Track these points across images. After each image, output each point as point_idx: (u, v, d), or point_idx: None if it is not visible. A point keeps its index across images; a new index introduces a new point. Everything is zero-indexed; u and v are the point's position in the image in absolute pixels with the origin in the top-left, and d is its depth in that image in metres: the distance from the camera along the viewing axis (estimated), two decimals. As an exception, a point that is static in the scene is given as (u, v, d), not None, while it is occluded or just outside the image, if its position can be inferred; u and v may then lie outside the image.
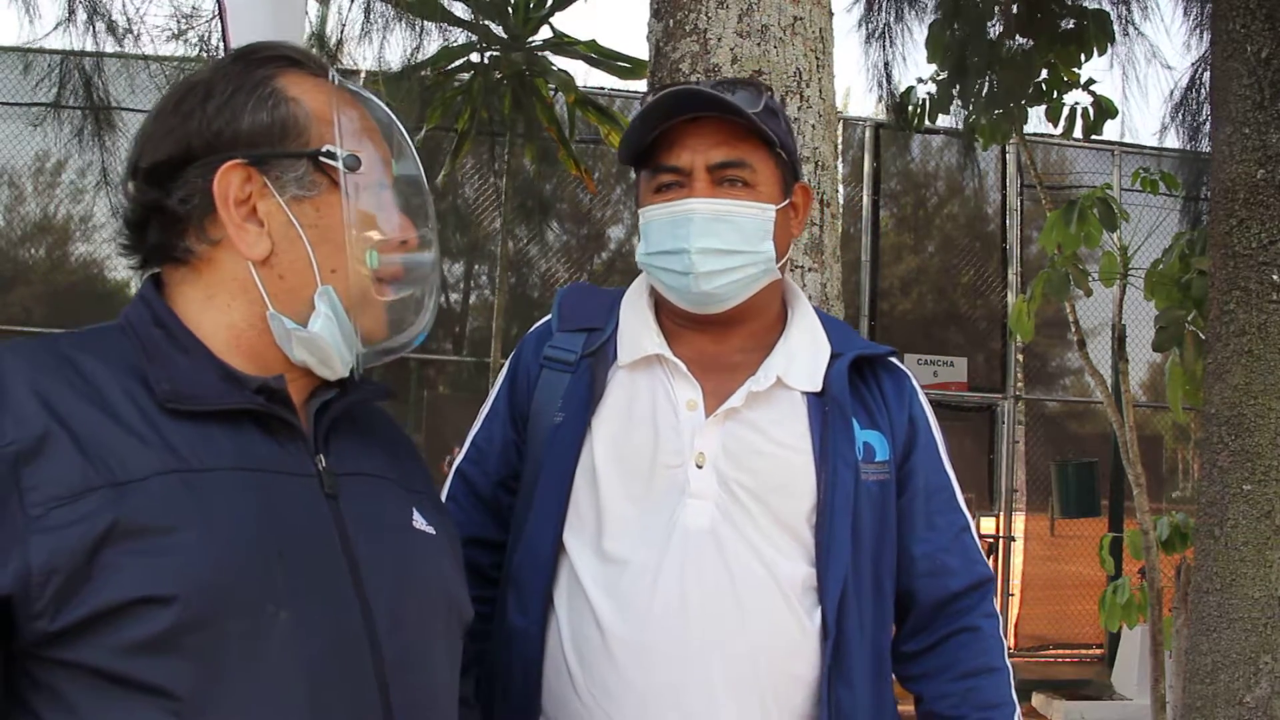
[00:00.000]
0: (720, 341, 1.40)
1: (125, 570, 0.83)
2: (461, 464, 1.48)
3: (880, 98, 5.24)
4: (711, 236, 1.32)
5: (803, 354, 1.40)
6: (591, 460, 1.36)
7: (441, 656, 1.04)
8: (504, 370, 1.50)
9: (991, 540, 7.25)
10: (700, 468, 1.32)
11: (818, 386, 1.38)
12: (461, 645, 1.11)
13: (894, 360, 1.47)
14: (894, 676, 1.44)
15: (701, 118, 1.34)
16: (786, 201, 1.39)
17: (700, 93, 1.32)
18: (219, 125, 0.98)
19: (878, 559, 1.37)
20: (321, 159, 0.98)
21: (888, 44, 5.15)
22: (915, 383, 1.47)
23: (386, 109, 1.07)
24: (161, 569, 0.84)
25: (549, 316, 1.48)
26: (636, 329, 1.40)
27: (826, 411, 1.36)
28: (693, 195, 1.33)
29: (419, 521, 1.07)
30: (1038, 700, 6.83)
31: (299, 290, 0.98)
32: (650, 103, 1.36)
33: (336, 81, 1.03)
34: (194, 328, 0.98)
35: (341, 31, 5.57)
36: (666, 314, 1.42)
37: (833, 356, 1.40)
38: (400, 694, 0.95)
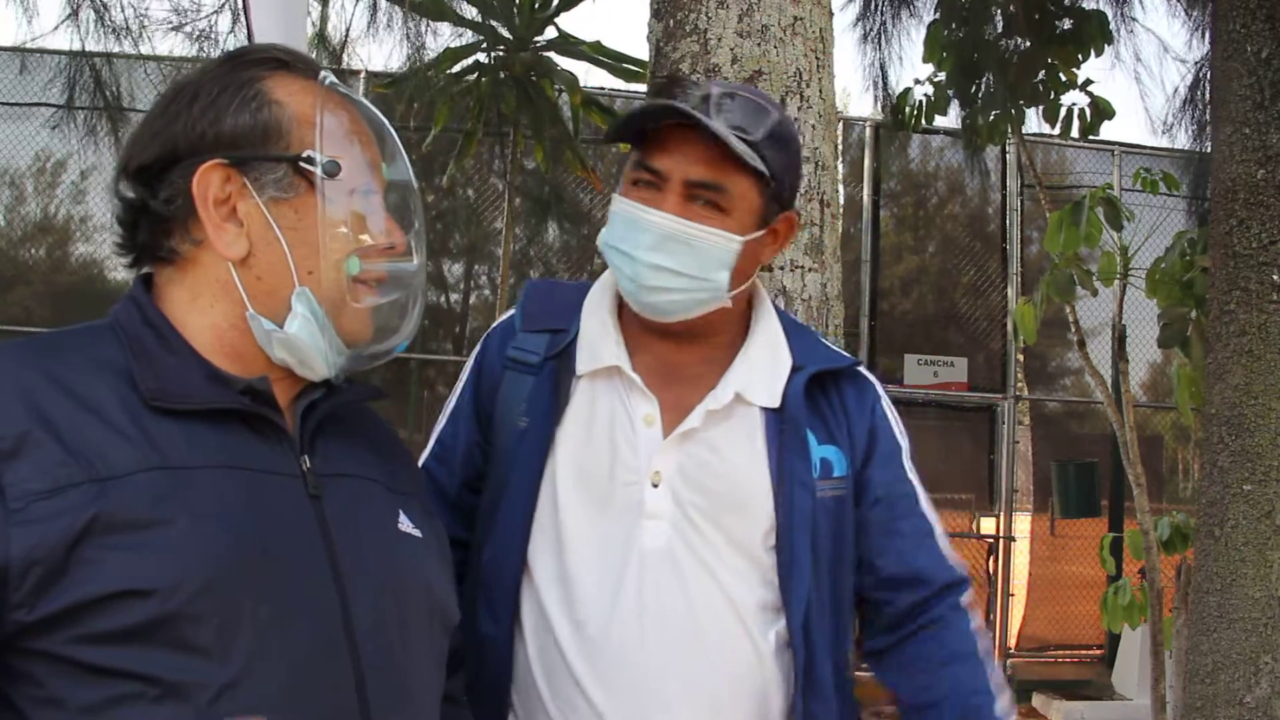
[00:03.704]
0: (682, 350, 1.38)
1: (106, 564, 0.85)
2: (427, 461, 1.46)
3: (876, 98, 5.24)
4: (663, 254, 1.28)
5: (762, 367, 1.37)
6: (554, 474, 1.34)
7: (423, 658, 1.04)
8: (468, 366, 1.47)
9: (991, 541, 7.24)
10: (656, 486, 1.31)
11: (776, 402, 1.35)
12: (446, 647, 1.12)
13: (860, 370, 1.44)
14: (872, 673, 1.43)
15: (693, 126, 1.27)
16: (763, 231, 1.34)
17: (685, 112, 1.26)
18: (202, 127, 0.98)
19: (835, 573, 1.36)
20: (301, 164, 0.98)
21: (883, 44, 5.15)
22: (880, 390, 1.45)
23: (378, 113, 1.07)
24: (142, 563, 0.85)
25: (512, 311, 1.45)
26: (596, 336, 1.37)
27: (783, 430, 1.34)
28: (662, 206, 1.28)
29: (404, 524, 1.07)
30: (1038, 700, 6.82)
31: (277, 291, 0.99)
32: (647, 104, 1.33)
33: (327, 83, 1.03)
34: (180, 327, 0.99)
35: (346, 32, 5.58)
36: (629, 318, 1.39)
37: (793, 370, 1.37)
38: (377, 694, 0.95)
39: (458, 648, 1.25)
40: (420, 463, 1.46)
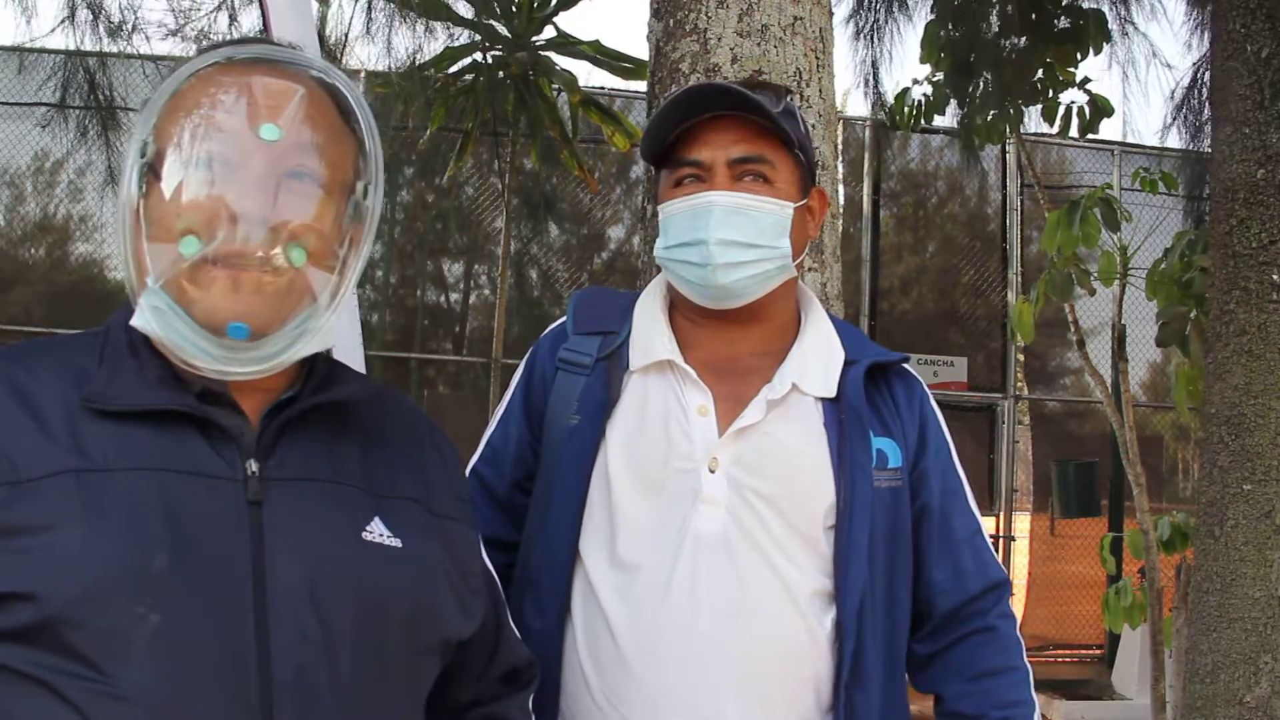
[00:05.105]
0: (733, 344, 1.41)
1: None
2: (476, 464, 1.48)
3: (867, 95, 5.24)
4: (730, 228, 1.33)
5: (816, 360, 1.40)
6: (605, 464, 1.36)
7: (383, 676, 0.99)
8: (519, 371, 1.50)
9: (991, 540, 7.23)
10: (713, 472, 1.33)
11: (832, 392, 1.38)
12: (433, 664, 1.06)
13: (905, 366, 1.48)
14: (910, 678, 1.44)
15: (722, 116, 1.35)
16: (803, 202, 1.40)
17: (726, 89, 1.34)
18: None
19: (891, 565, 1.37)
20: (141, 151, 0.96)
21: (875, 42, 5.14)
22: (925, 388, 1.48)
23: (294, 68, 1.00)
24: (27, 566, 0.86)
25: (564, 319, 1.48)
26: (649, 333, 1.41)
27: (843, 419, 1.36)
28: (713, 188, 1.34)
29: (376, 532, 1.01)
30: (1038, 700, 6.81)
31: (140, 287, 0.96)
32: (674, 98, 1.37)
33: (232, 60, 0.99)
34: None
35: (348, 32, 5.56)
36: (680, 315, 1.43)
37: (847, 363, 1.40)
38: (289, 712, 0.91)
39: (519, 665, 1.21)
40: (469, 467, 1.46)
